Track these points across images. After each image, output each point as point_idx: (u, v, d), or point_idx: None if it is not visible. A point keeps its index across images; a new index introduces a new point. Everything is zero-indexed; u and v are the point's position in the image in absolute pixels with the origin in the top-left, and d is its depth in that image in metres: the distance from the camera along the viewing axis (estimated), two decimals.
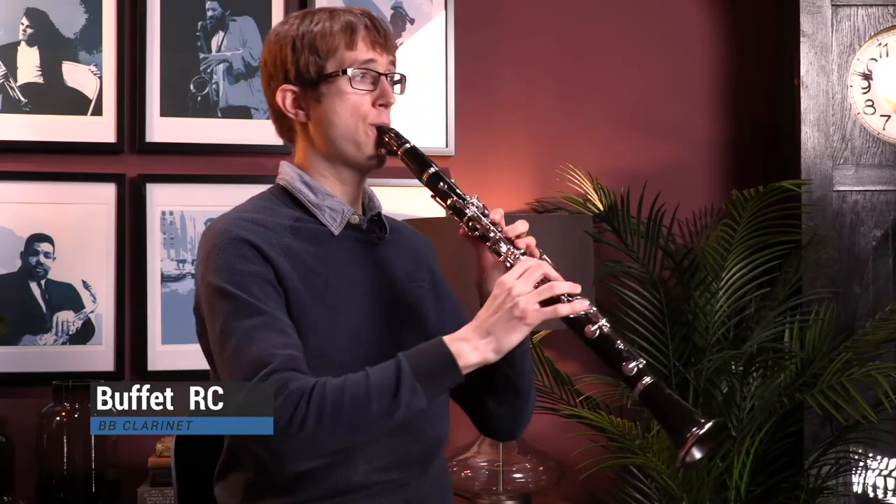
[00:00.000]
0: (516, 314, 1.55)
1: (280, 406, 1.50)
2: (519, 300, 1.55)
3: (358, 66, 1.70)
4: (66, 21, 2.80)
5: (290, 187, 1.74)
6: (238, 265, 1.60)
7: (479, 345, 1.56)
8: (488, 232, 1.65)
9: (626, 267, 2.92)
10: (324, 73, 1.70)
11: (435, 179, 1.69)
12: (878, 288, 2.99)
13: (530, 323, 1.55)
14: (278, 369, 1.53)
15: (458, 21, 3.02)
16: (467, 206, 1.67)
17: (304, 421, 1.50)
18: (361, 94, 1.70)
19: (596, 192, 2.98)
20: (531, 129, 3.10)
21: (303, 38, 1.70)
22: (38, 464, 2.62)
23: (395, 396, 1.52)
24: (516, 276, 1.57)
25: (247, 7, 2.90)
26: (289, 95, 1.73)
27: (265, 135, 2.89)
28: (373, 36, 1.71)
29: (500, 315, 1.56)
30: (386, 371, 1.55)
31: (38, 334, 2.77)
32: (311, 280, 1.65)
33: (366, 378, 1.54)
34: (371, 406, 1.52)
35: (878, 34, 2.99)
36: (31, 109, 2.78)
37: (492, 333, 1.56)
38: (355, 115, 1.70)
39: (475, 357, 1.56)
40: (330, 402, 1.51)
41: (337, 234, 1.72)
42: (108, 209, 2.81)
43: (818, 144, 2.94)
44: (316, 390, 1.52)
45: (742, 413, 2.80)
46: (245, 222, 1.65)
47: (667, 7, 3.19)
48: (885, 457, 2.91)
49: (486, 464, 2.74)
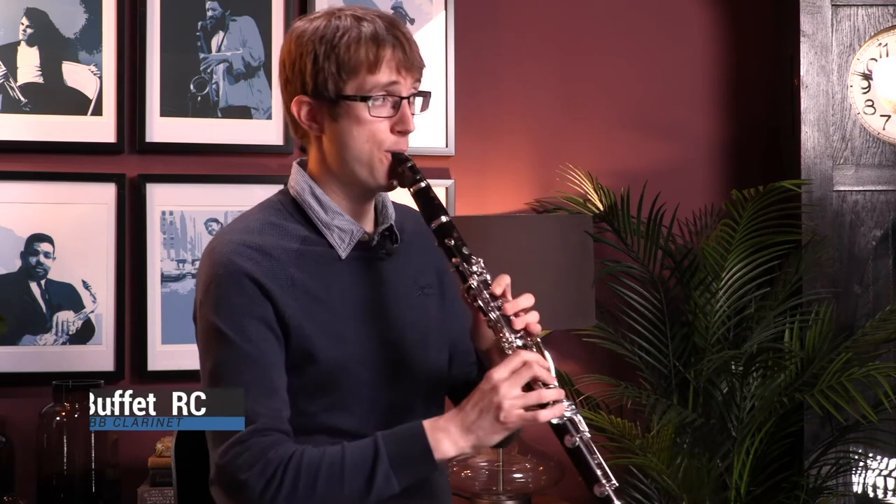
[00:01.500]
0: (500, 418, 1.54)
1: (256, 475, 1.52)
2: (504, 403, 1.54)
3: (378, 91, 1.62)
4: (66, 21, 2.80)
5: (300, 199, 1.69)
6: (236, 302, 1.58)
7: (459, 440, 1.56)
8: (487, 309, 1.61)
9: (626, 267, 2.92)
10: (342, 95, 1.62)
11: (444, 232, 1.64)
12: (878, 288, 2.99)
13: (511, 427, 1.56)
14: (259, 430, 1.54)
15: (458, 21, 3.02)
16: (470, 274, 1.62)
17: (276, 493, 1.52)
18: (380, 121, 1.63)
19: (596, 192, 2.98)
20: (531, 129, 3.10)
21: (325, 50, 1.61)
22: (38, 464, 2.62)
23: (368, 482, 1.53)
24: (505, 375, 1.56)
25: (247, 7, 2.90)
26: (304, 107, 1.65)
27: (265, 135, 2.90)
28: (398, 57, 1.62)
29: (484, 416, 1.55)
30: (363, 453, 1.55)
31: (38, 334, 2.77)
32: (313, 311, 1.62)
33: (342, 456, 1.55)
34: (344, 487, 1.53)
35: (878, 34, 2.99)
36: (31, 109, 2.78)
37: (473, 432, 1.56)
38: (371, 141, 1.64)
39: (452, 451, 1.57)
40: (304, 478, 1.53)
41: (344, 256, 1.68)
42: (108, 209, 2.81)
43: (818, 144, 2.94)
44: (292, 463, 1.53)
45: (742, 413, 2.80)
46: (249, 250, 1.61)
47: (667, 7, 3.19)
48: (885, 457, 2.91)
49: (486, 464, 2.74)
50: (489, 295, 1.61)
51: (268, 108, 2.89)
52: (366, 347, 1.66)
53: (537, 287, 1.72)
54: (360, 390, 1.64)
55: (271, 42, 2.90)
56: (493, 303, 1.61)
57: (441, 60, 2.99)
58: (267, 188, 2.83)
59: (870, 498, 2.91)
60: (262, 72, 2.90)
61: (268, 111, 2.89)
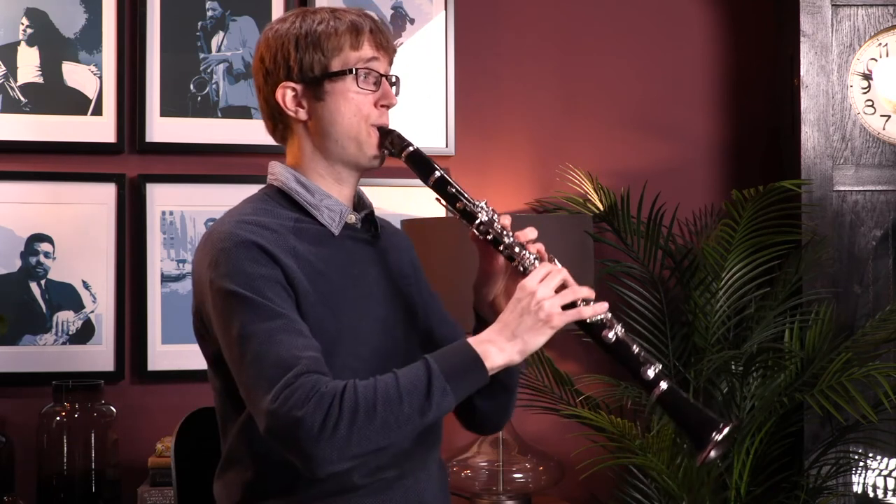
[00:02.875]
0: (542, 317, 1.57)
1: (312, 409, 1.49)
2: (544, 303, 1.57)
3: (362, 66, 1.69)
4: (66, 21, 2.80)
5: (286, 188, 1.73)
6: (249, 268, 1.59)
7: (506, 347, 1.58)
8: (501, 237, 1.65)
9: (626, 267, 2.92)
10: (329, 72, 1.69)
11: (442, 183, 1.69)
12: (878, 288, 2.99)
13: (555, 325, 1.58)
14: (304, 371, 1.52)
15: (458, 21, 3.02)
16: (478, 210, 1.67)
17: (337, 423, 1.49)
18: (365, 94, 1.70)
19: (596, 192, 2.98)
20: (531, 129, 3.10)
21: (306, 37, 1.69)
22: (38, 464, 2.62)
23: (426, 397, 1.53)
24: (538, 279, 1.59)
25: (247, 7, 2.90)
26: (289, 93, 1.71)
27: (265, 135, 2.87)
28: (377, 37, 1.71)
29: (526, 318, 1.57)
30: (415, 372, 1.55)
31: (38, 334, 2.77)
32: (316, 281, 1.64)
33: (395, 379, 1.54)
34: (403, 407, 1.52)
35: (878, 34, 2.99)
36: (31, 109, 2.78)
37: (518, 336, 1.58)
38: (358, 115, 1.70)
39: (501, 359, 1.58)
40: (363, 404, 1.51)
41: (337, 234, 1.71)
42: (108, 209, 2.81)
43: (818, 144, 2.94)
44: (347, 392, 1.51)
45: (742, 413, 2.80)
46: (248, 225, 1.64)
47: (667, 7, 3.19)
48: (885, 457, 2.91)
49: (486, 464, 2.74)
50: (500, 227, 1.66)
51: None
52: (361, 322, 1.68)
53: None
54: (354, 365, 1.65)
55: None
56: (506, 231, 1.66)
57: (441, 60, 2.99)
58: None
59: (870, 498, 2.91)
60: None
61: None
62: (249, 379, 1.55)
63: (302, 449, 1.50)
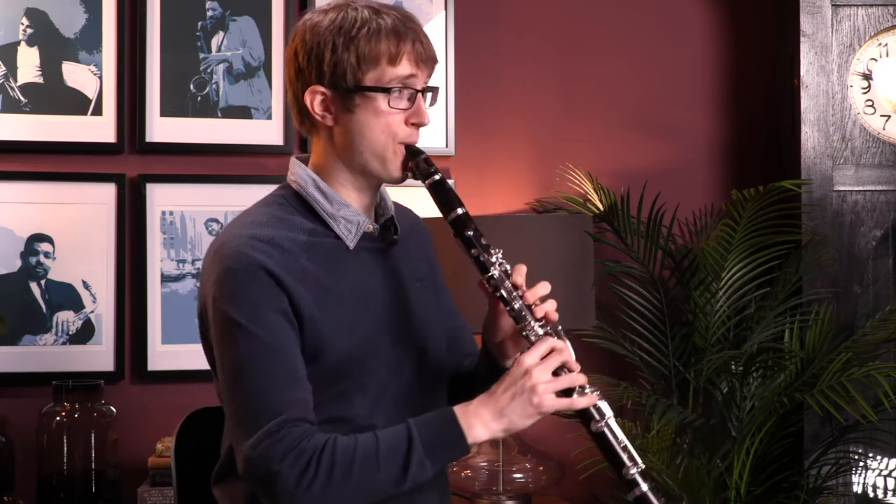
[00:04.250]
0: (533, 402, 1.55)
1: (290, 465, 1.50)
2: (538, 387, 1.55)
3: (398, 83, 1.63)
4: (66, 21, 2.80)
5: (304, 193, 1.69)
6: (253, 294, 1.57)
7: (491, 424, 1.57)
8: (510, 298, 1.62)
9: (626, 267, 2.92)
10: (361, 85, 1.62)
11: (461, 224, 1.65)
12: (878, 288, 2.99)
13: (545, 412, 1.57)
14: (290, 420, 1.52)
15: (458, 21, 3.01)
16: (491, 264, 1.63)
17: (312, 482, 1.50)
18: (397, 113, 1.64)
19: (596, 192, 2.98)
20: (531, 129, 3.10)
21: (345, 40, 1.61)
22: (38, 464, 2.62)
23: (404, 468, 1.53)
24: (537, 359, 1.57)
25: (247, 7, 2.89)
26: (318, 97, 1.65)
27: (265, 135, 2.90)
28: (418, 50, 1.63)
29: (517, 400, 1.56)
30: (397, 439, 1.55)
31: (38, 334, 2.77)
32: (326, 303, 1.62)
33: (376, 443, 1.54)
34: (379, 474, 1.52)
35: (878, 34, 2.99)
36: (31, 109, 2.78)
37: (505, 416, 1.57)
38: (387, 133, 1.64)
39: (485, 435, 1.57)
40: (339, 465, 1.51)
41: (352, 247, 1.68)
42: (108, 209, 2.81)
43: (818, 144, 2.93)
44: (326, 451, 1.52)
45: (742, 413, 2.80)
46: (259, 243, 1.60)
47: (667, 7, 3.19)
48: (885, 457, 2.91)
49: (486, 464, 2.74)
50: (511, 285, 1.63)
51: (268, 108, 2.89)
52: (374, 338, 1.66)
53: None
54: (367, 380, 1.64)
55: (271, 42, 2.90)
56: (515, 292, 1.63)
57: (441, 60, 2.99)
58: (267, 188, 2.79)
59: (870, 498, 2.91)
60: (262, 72, 2.90)
61: (268, 111, 2.89)
62: (235, 414, 1.57)
63: (276, 501, 1.52)
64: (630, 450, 1.60)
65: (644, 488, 1.59)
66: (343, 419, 1.63)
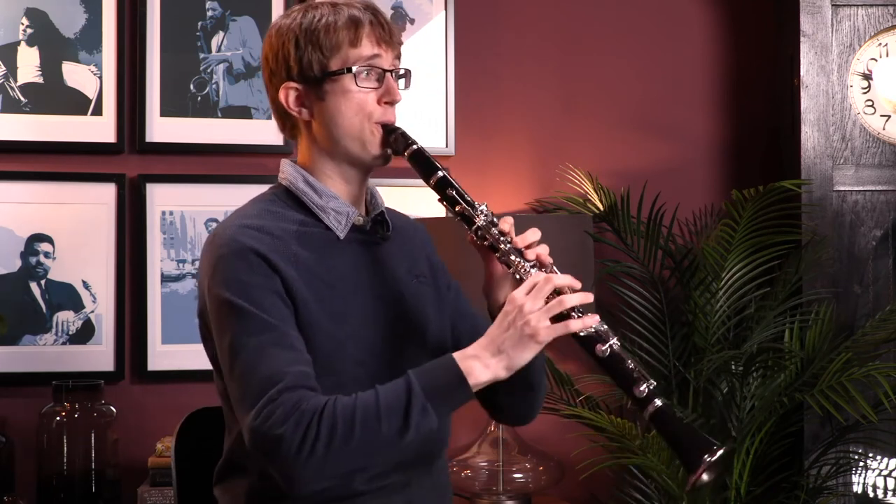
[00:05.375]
0: (528, 332, 1.54)
1: (292, 428, 1.49)
2: (530, 318, 1.54)
3: (362, 64, 1.67)
4: (66, 21, 2.80)
5: (294, 188, 1.72)
6: (246, 276, 1.58)
7: (491, 363, 1.55)
8: (498, 243, 1.63)
9: (626, 267, 2.92)
10: (328, 71, 1.66)
11: (443, 184, 1.67)
12: (878, 288, 2.99)
13: (542, 341, 1.54)
14: (289, 387, 1.52)
15: (458, 21, 3.02)
16: (476, 214, 1.64)
17: (315, 443, 1.49)
18: (366, 92, 1.67)
19: (596, 192, 2.98)
20: (531, 129, 3.10)
21: (306, 34, 1.67)
22: (38, 464, 2.62)
23: (405, 417, 1.51)
24: (526, 291, 1.56)
25: (247, 7, 2.90)
26: (291, 93, 1.70)
27: (265, 135, 2.90)
28: (378, 31, 1.68)
29: (512, 333, 1.54)
30: (396, 390, 1.53)
31: (38, 334, 2.77)
32: (317, 288, 1.63)
33: (376, 397, 1.53)
34: (382, 426, 1.51)
35: (878, 34, 2.99)
36: (31, 109, 2.78)
37: (503, 351, 1.55)
38: (360, 114, 1.67)
39: (486, 375, 1.55)
40: (341, 424, 1.50)
41: (342, 237, 1.70)
42: (108, 209, 2.81)
43: (818, 144, 2.94)
44: (326, 411, 1.51)
45: (742, 413, 2.80)
46: (251, 230, 1.63)
47: (667, 7, 3.19)
48: (885, 457, 2.91)
49: (486, 464, 2.74)
50: (498, 232, 1.63)
51: (268, 108, 2.88)
52: (365, 327, 1.67)
53: None
54: (357, 371, 1.64)
55: None
56: (503, 237, 1.63)
57: (441, 60, 2.99)
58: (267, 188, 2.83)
59: (870, 498, 2.91)
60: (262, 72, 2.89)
61: (268, 111, 2.89)
62: (236, 392, 1.57)
63: (282, 467, 1.51)
64: (639, 368, 1.57)
65: (658, 403, 1.54)
66: None
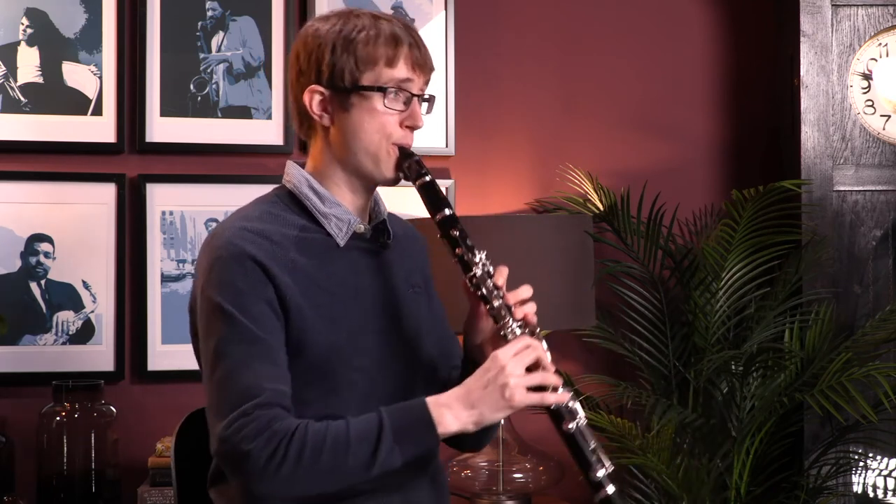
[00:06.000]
0: (505, 395, 1.56)
1: (261, 446, 1.52)
2: (510, 381, 1.56)
3: (394, 85, 1.67)
4: (66, 21, 2.80)
5: (297, 192, 1.72)
6: (240, 282, 1.59)
7: (462, 415, 1.58)
8: (490, 296, 1.64)
9: (626, 267, 2.92)
10: (358, 85, 1.66)
11: (448, 224, 1.67)
12: (878, 288, 2.99)
13: (515, 406, 1.57)
14: (264, 404, 1.54)
15: (458, 21, 3.01)
16: (475, 263, 1.65)
17: (281, 463, 1.52)
18: (392, 114, 1.67)
19: (596, 192, 2.98)
20: (531, 129, 3.10)
21: (343, 43, 1.65)
22: (38, 464, 2.62)
23: (373, 453, 1.54)
24: (511, 354, 1.58)
25: (247, 7, 2.90)
26: (317, 97, 1.69)
27: (265, 135, 2.90)
28: (415, 55, 1.68)
29: (489, 392, 1.57)
30: (368, 425, 1.56)
31: (38, 334, 2.77)
32: (314, 295, 1.64)
33: (347, 428, 1.55)
34: (349, 458, 1.54)
35: (878, 34, 2.99)
36: (31, 109, 2.78)
37: (476, 407, 1.58)
38: (381, 133, 1.67)
39: (455, 426, 1.58)
40: (309, 448, 1.53)
41: (342, 244, 1.70)
42: (108, 209, 2.81)
43: (818, 144, 2.94)
44: (297, 434, 1.53)
45: (742, 413, 2.80)
46: (250, 234, 1.63)
47: (667, 7, 3.19)
48: (885, 457, 2.91)
49: (486, 464, 2.74)
50: (492, 285, 1.65)
51: (268, 108, 2.89)
52: (362, 335, 1.68)
53: (537, 287, 1.73)
54: (354, 377, 1.65)
55: (271, 42, 2.90)
56: (496, 292, 1.65)
57: (441, 60, 2.99)
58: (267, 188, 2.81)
59: (870, 498, 2.91)
60: (262, 72, 2.90)
61: (268, 111, 2.89)
62: (213, 397, 1.58)
63: (246, 481, 1.53)
64: (599, 452, 1.61)
65: (610, 491, 1.60)
66: (331, 416, 1.63)
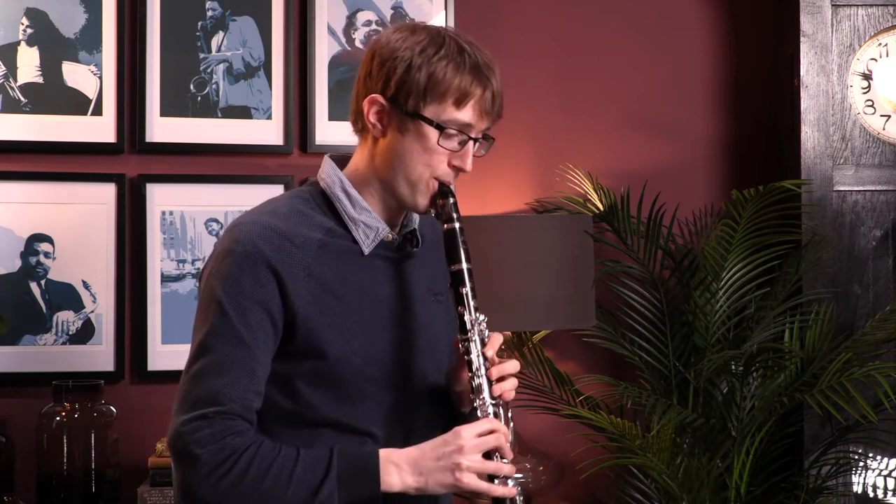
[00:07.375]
0: (455, 474, 1.58)
1: (210, 454, 1.54)
2: (463, 462, 1.57)
3: (454, 127, 1.63)
4: (66, 21, 2.80)
5: (329, 192, 1.69)
6: (246, 284, 1.59)
7: (407, 479, 1.59)
8: (474, 366, 1.64)
9: (626, 267, 2.92)
10: (419, 114, 1.62)
11: (460, 279, 1.67)
12: (878, 288, 2.99)
13: (461, 487, 1.59)
14: (227, 413, 1.55)
15: (458, 21, 3.01)
16: (471, 328, 1.65)
17: (223, 476, 1.53)
18: (443, 152, 1.64)
19: (596, 192, 2.98)
20: (531, 129, 3.10)
21: (420, 65, 1.60)
22: (38, 464, 2.62)
23: (314, 493, 1.55)
24: (473, 434, 1.59)
25: (247, 7, 2.89)
26: (375, 107, 1.64)
27: (265, 135, 2.90)
28: (486, 103, 1.63)
29: (441, 465, 1.58)
30: (315, 465, 1.57)
31: (38, 334, 2.77)
32: (326, 303, 1.63)
33: (295, 461, 1.56)
34: (288, 492, 1.55)
35: (878, 34, 2.99)
36: (31, 109, 2.78)
37: (424, 476, 1.59)
38: (427, 167, 1.64)
39: (397, 486, 1.59)
40: (253, 471, 1.54)
41: (367, 252, 1.68)
42: (108, 209, 2.81)
43: (818, 144, 2.94)
44: (246, 454, 1.55)
45: (742, 413, 2.80)
46: (273, 234, 1.61)
47: (667, 7, 3.19)
48: (885, 457, 2.91)
49: None
50: (483, 356, 1.65)
51: (268, 108, 2.89)
52: (374, 344, 1.66)
53: (537, 287, 1.74)
54: (365, 386, 1.65)
55: (271, 42, 2.90)
56: (484, 363, 1.65)
57: None
58: (267, 188, 2.84)
59: (870, 498, 2.91)
60: (262, 72, 2.90)
61: (268, 111, 2.89)
62: (184, 387, 1.59)
63: (186, 480, 1.56)
64: None
65: None
66: (340, 423, 1.64)
